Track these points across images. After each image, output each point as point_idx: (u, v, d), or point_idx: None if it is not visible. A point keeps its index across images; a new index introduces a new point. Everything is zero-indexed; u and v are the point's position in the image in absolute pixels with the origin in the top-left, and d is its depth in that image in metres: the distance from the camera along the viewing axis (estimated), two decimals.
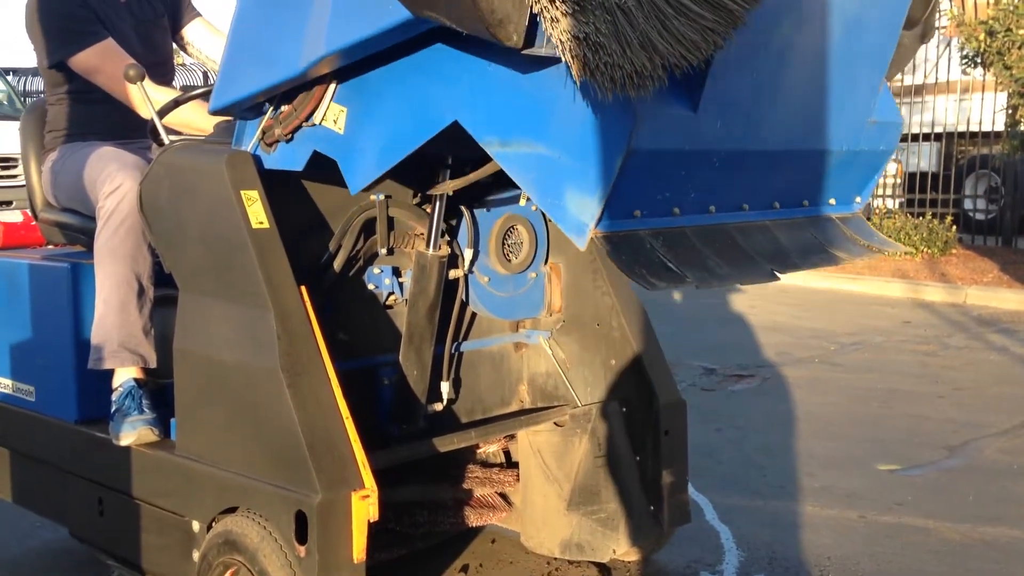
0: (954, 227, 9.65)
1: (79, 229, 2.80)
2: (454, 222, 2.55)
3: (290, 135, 2.11)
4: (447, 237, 2.50)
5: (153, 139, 2.49)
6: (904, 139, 11.94)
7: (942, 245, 9.45)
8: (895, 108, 2.28)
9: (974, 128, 11.31)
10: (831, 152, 2.06)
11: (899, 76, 13.82)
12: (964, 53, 8.66)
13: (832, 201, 2.18)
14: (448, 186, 2.32)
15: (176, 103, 2.49)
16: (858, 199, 2.27)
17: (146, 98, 2.41)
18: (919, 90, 12.63)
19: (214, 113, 2.19)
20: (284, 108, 2.11)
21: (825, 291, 8.81)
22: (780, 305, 7.95)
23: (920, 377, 5.42)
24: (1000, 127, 10.70)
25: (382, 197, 2.43)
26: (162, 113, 2.45)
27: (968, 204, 11.57)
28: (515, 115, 1.71)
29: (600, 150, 1.62)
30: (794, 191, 2.08)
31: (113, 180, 2.44)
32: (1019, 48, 7.86)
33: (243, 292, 2.11)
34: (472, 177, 2.21)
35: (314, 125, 2.06)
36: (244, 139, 2.23)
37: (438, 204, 2.37)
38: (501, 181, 2.21)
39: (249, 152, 2.20)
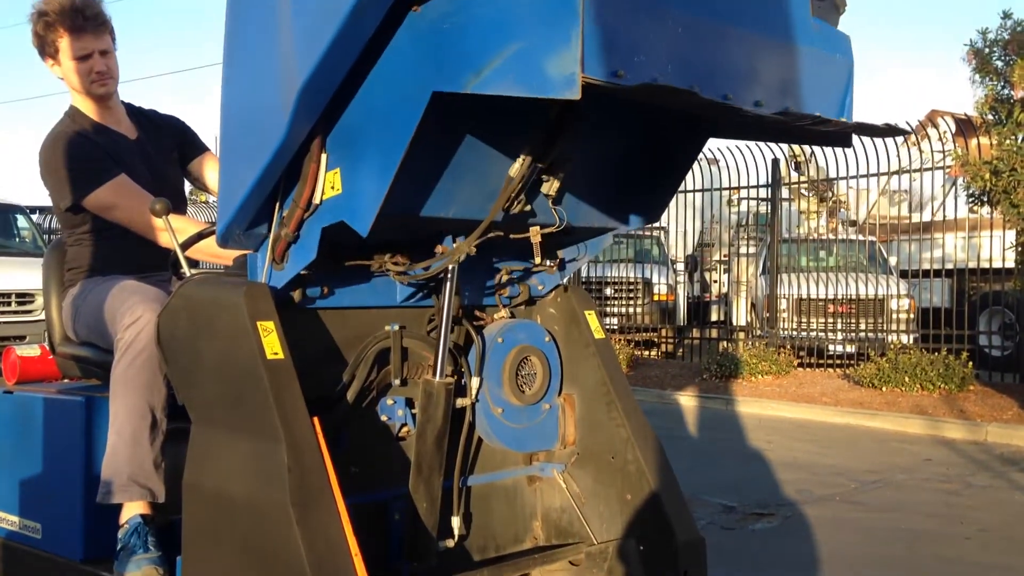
0: (970, 363, 9.58)
1: (96, 363, 2.82)
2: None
3: (296, 232, 2.17)
4: (462, 364, 2.50)
5: (174, 272, 2.54)
6: (915, 275, 12.07)
7: (959, 381, 9.37)
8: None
9: (984, 265, 11.41)
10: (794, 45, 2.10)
11: (907, 214, 14.09)
12: (970, 192, 8.80)
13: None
14: (461, 249, 2.30)
15: (200, 236, 2.55)
16: None
17: (171, 231, 2.48)
18: (928, 227, 12.83)
19: (222, 241, 2.25)
20: (284, 214, 2.18)
21: (843, 427, 8.69)
22: (798, 441, 7.83)
23: (944, 517, 5.28)
24: (1011, 264, 10.80)
25: (396, 327, 2.45)
26: (185, 246, 2.50)
27: (983, 340, 11.54)
28: (477, 42, 1.79)
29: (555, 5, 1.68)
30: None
31: (133, 312, 2.48)
32: None
33: (255, 424, 2.10)
34: (480, 229, 2.23)
35: (317, 207, 2.12)
36: (257, 269, 2.27)
37: (443, 329, 2.38)
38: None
39: (265, 283, 2.24)
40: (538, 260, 2.45)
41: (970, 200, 9.34)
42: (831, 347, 11.98)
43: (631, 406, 2.67)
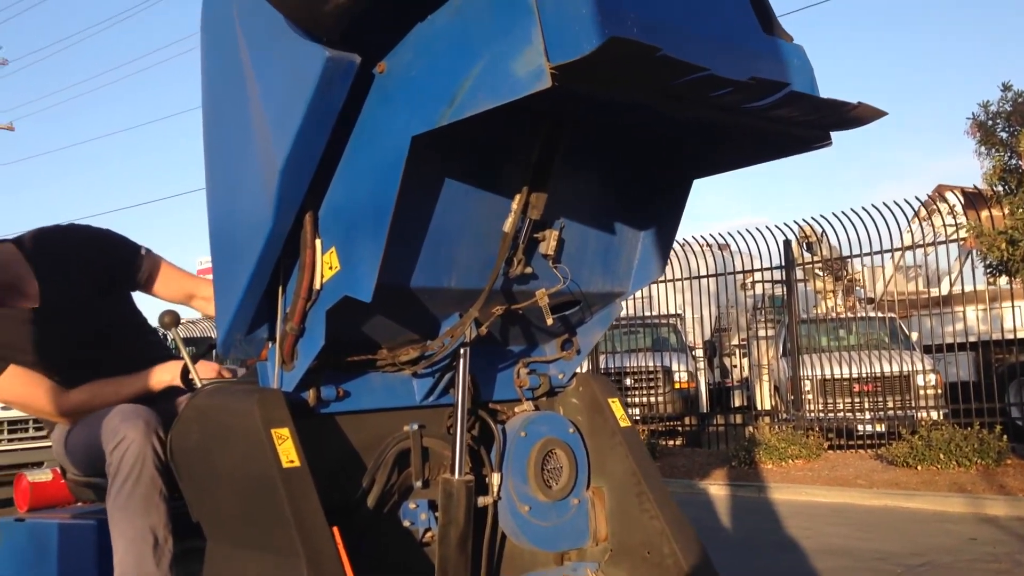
0: (1004, 436, 9.33)
1: (103, 488, 2.73)
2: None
3: (301, 325, 2.13)
4: (485, 461, 2.41)
5: (187, 386, 2.48)
6: (939, 349, 11.86)
7: (996, 456, 9.11)
8: None
9: (1009, 336, 11.24)
10: None
11: (924, 288, 13.95)
12: (987, 263, 8.71)
13: None
14: (469, 316, 2.23)
15: (210, 346, 2.50)
16: None
17: (180, 345, 2.42)
18: (947, 301, 12.69)
19: (223, 351, 2.20)
20: (288, 310, 2.15)
21: (881, 509, 8.42)
22: (835, 526, 7.57)
23: None
24: None
25: (416, 427, 2.37)
26: (196, 358, 2.45)
27: (1015, 412, 11.28)
28: (444, 75, 1.80)
29: (512, 5, 1.69)
30: None
31: (116, 434, 2.40)
32: None
33: (273, 538, 2.01)
34: (485, 291, 2.18)
35: (319, 293, 2.09)
36: (268, 375, 2.22)
37: (460, 421, 2.30)
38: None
39: (278, 389, 2.17)
40: (550, 321, 2.36)
41: (988, 271, 9.23)
42: (860, 427, 11.72)
43: (664, 496, 2.55)
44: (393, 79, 1.95)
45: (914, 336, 13.04)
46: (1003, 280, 10.00)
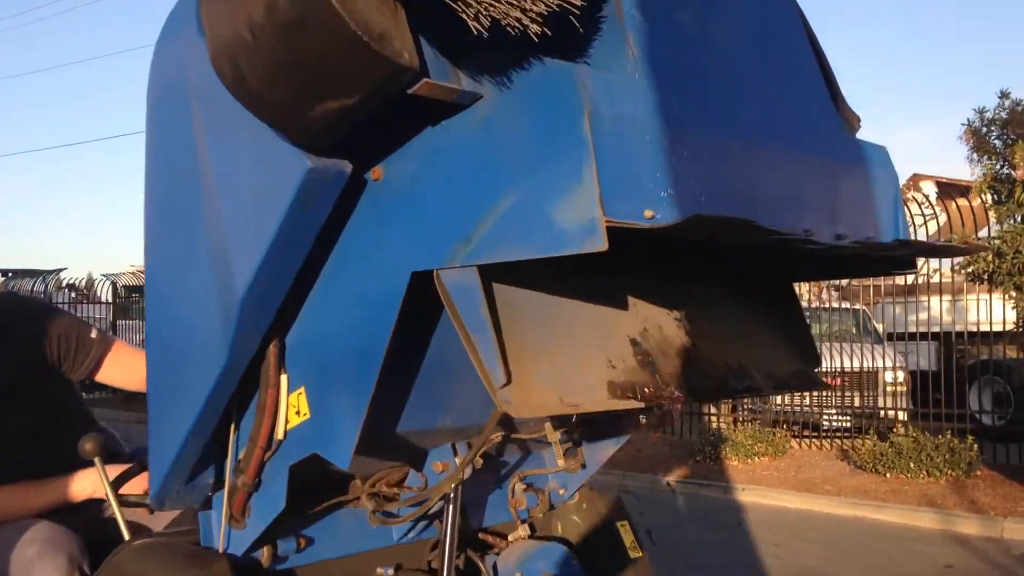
0: (975, 446, 9.18)
1: None
2: None
3: (257, 478, 1.73)
4: None
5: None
6: (901, 338, 11.77)
7: (966, 467, 8.96)
8: None
9: (972, 328, 11.18)
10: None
11: (891, 275, 13.83)
12: (970, 271, 8.48)
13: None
14: (461, 467, 1.85)
15: (126, 477, 2.07)
16: None
17: (103, 475, 1.99)
18: (912, 290, 12.59)
19: (158, 503, 1.78)
20: (240, 457, 1.74)
21: (851, 521, 8.24)
22: (806, 543, 7.36)
23: None
24: (998, 327, 10.54)
25: (390, 573, 1.99)
26: (118, 488, 2.01)
27: (981, 412, 11.22)
28: (461, 201, 1.41)
29: (559, 131, 1.30)
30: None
31: (31, 571, 1.96)
32: None
33: None
34: (483, 437, 1.79)
35: (281, 443, 1.68)
36: (212, 531, 1.81)
37: (447, 561, 1.92)
38: None
39: (222, 551, 1.77)
40: (561, 463, 2.00)
41: (969, 278, 9.01)
42: (826, 421, 11.58)
43: None
44: (391, 192, 1.53)
45: (880, 328, 12.93)
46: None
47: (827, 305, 13.19)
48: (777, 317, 2.00)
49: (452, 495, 1.91)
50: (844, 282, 14.24)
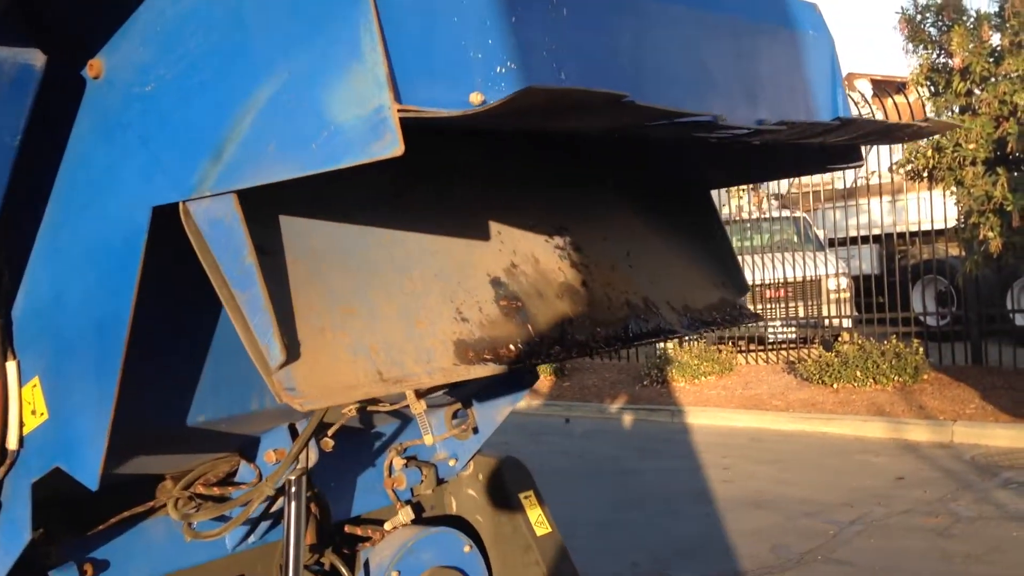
0: (921, 350, 9.03)
1: None
2: None
3: None
4: None
5: None
6: (843, 243, 11.60)
7: (913, 372, 8.81)
8: None
9: (913, 228, 11.04)
10: None
11: (830, 181, 13.63)
12: (909, 168, 8.19)
13: None
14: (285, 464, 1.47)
15: None
16: None
17: None
18: (851, 194, 12.39)
19: None
20: None
21: (800, 436, 8.07)
22: (757, 463, 7.15)
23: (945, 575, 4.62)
24: (940, 226, 10.38)
25: None
26: None
27: (925, 314, 11.13)
28: (208, 98, 0.99)
29: None
30: None
31: None
32: (972, 165, 7.40)
33: None
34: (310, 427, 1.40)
35: (17, 454, 1.26)
36: None
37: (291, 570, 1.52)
38: None
39: None
40: (428, 440, 1.60)
41: (909, 177, 8.74)
42: (771, 334, 11.40)
43: None
44: (117, 94, 1.07)
45: (820, 234, 12.74)
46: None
47: (767, 215, 12.92)
48: (692, 236, 1.59)
49: (293, 488, 1.50)
50: (783, 189, 14.01)
